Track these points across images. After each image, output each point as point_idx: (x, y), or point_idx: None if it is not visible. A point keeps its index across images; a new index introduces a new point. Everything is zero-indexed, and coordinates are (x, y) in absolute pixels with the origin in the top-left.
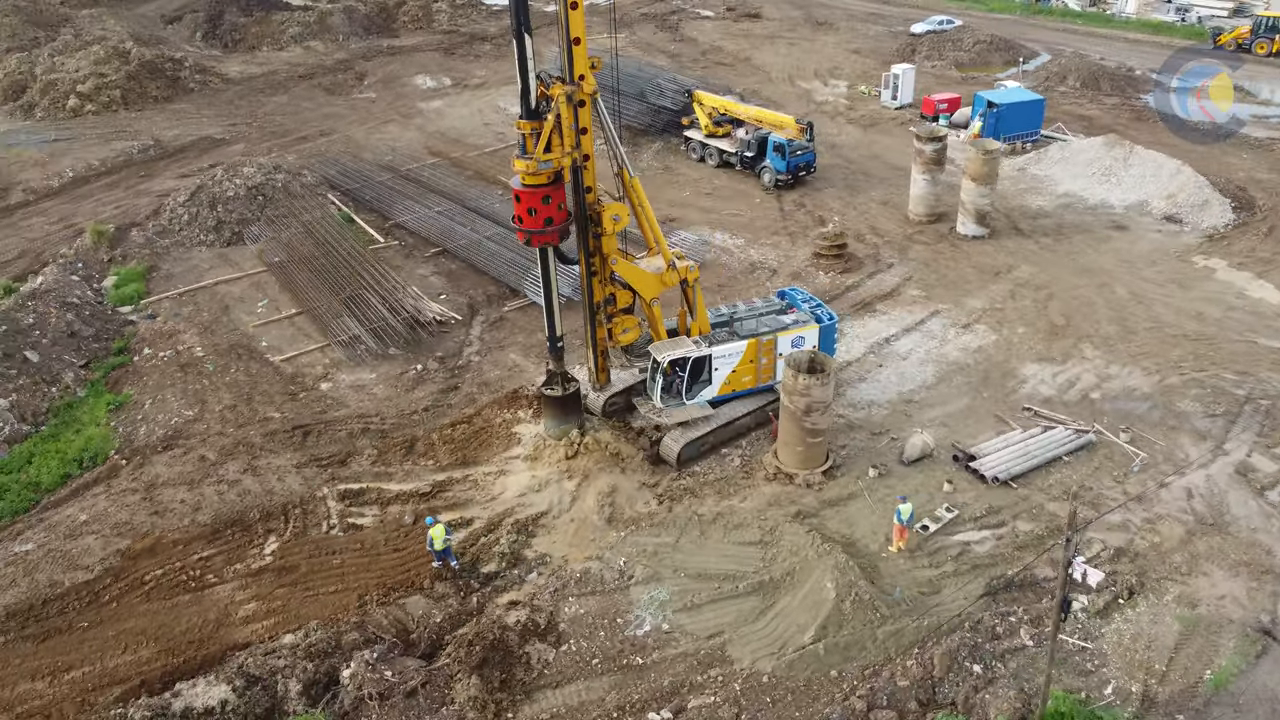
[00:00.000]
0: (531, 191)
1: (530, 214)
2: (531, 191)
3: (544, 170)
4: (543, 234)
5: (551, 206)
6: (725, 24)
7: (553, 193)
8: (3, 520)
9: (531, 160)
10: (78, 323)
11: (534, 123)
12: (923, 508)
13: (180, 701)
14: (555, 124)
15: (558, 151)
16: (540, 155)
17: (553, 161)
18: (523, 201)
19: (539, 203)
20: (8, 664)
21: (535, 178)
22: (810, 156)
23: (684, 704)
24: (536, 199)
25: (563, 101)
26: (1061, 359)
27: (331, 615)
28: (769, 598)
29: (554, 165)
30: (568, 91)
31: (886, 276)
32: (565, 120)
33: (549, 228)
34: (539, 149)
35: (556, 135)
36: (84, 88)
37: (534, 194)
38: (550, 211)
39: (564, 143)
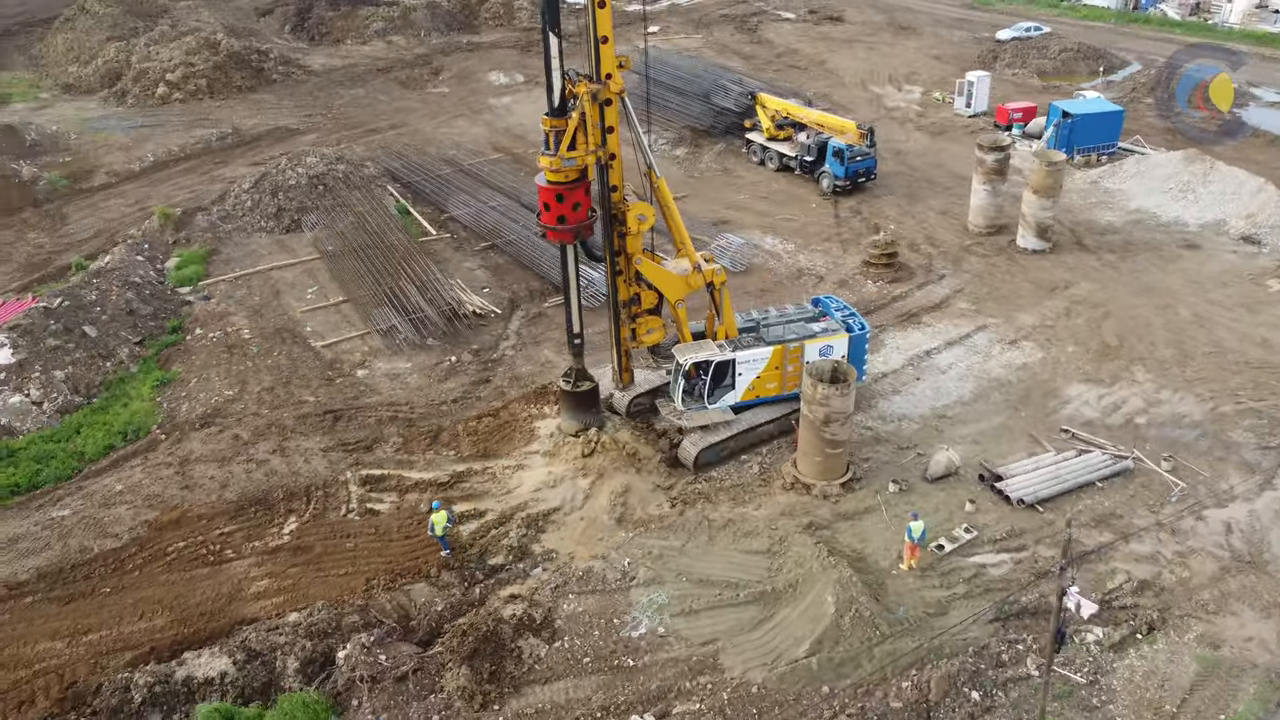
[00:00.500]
0: (555, 189)
1: (549, 210)
2: (555, 189)
3: (568, 168)
4: (564, 231)
5: (570, 204)
6: (805, 27)
7: (576, 191)
8: (46, 486)
9: (556, 157)
10: (137, 301)
11: (559, 120)
12: (941, 527)
13: (184, 670)
14: (580, 122)
15: (582, 149)
16: (565, 153)
17: (577, 159)
18: (545, 198)
19: (560, 200)
20: (32, 623)
21: (559, 175)
22: (870, 163)
23: (669, 709)
24: (559, 196)
25: (587, 100)
26: (1110, 381)
27: (338, 597)
28: (769, 608)
29: (578, 163)
30: (593, 90)
31: (936, 288)
32: (590, 119)
33: (571, 225)
34: (563, 146)
35: (581, 133)
36: (173, 76)
37: (557, 191)
38: (571, 209)
39: (589, 141)
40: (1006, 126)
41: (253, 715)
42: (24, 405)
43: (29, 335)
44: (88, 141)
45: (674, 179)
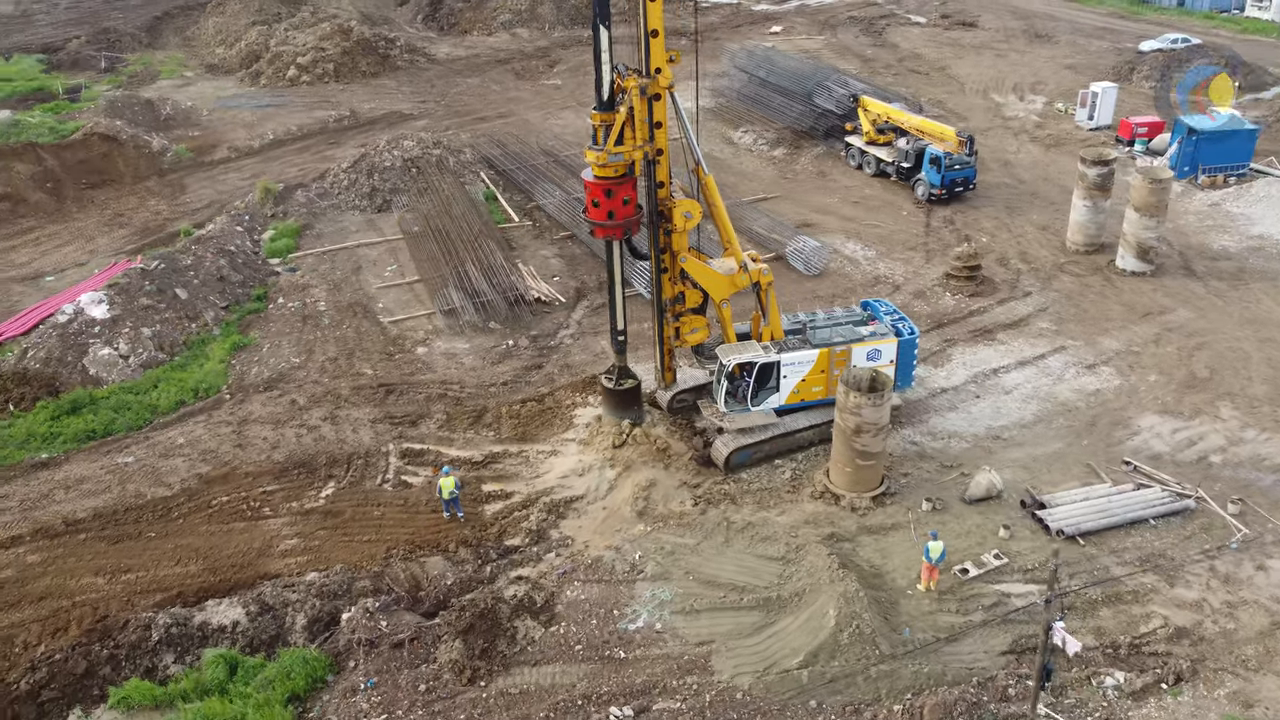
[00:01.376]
0: (604, 184)
1: (596, 206)
2: (604, 184)
3: (615, 163)
4: (611, 226)
5: (618, 200)
6: (935, 32)
7: (623, 186)
8: (119, 433)
9: (603, 152)
10: (228, 268)
11: (607, 115)
12: (970, 550)
13: (201, 616)
14: (628, 117)
15: (629, 145)
16: (612, 148)
17: (624, 154)
18: (592, 193)
19: (608, 195)
20: (81, 558)
21: (607, 170)
22: (970, 172)
23: (649, 705)
24: (606, 191)
25: (635, 94)
26: (1189, 415)
27: (357, 562)
28: (771, 615)
29: (625, 158)
30: (641, 84)
31: (1019, 305)
32: (638, 114)
33: (619, 221)
34: (610, 141)
35: (629, 129)
36: (303, 60)
37: (604, 186)
38: (618, 205)
39: (635, 136)
40: (1129, 142)
41: (256, 664)
42: (112, 358)
43: (125, 293)
44: (217, 118)
45: (767, 179)
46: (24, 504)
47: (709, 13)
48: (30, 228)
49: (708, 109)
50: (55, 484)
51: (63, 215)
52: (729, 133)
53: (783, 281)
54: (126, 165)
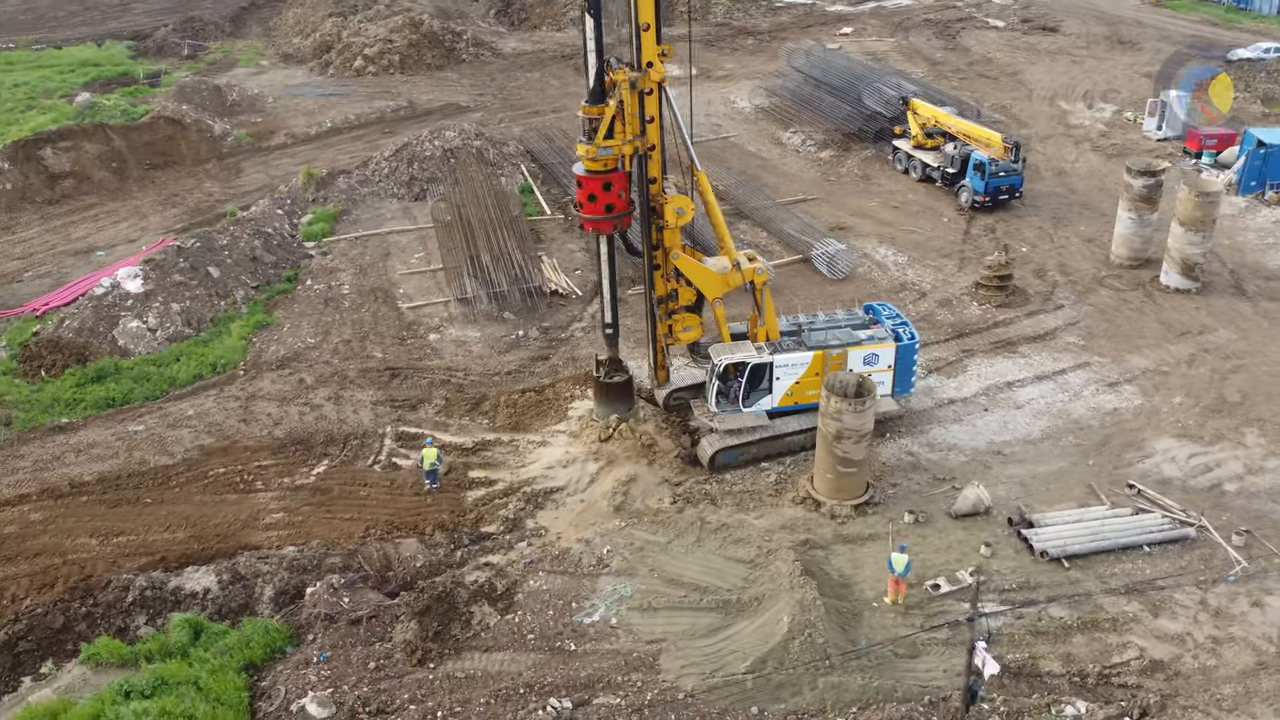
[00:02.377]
0: (602, 178)
1: (591, 200)
2: (602, 178)
3: (604, 157)
4: (601, 221)
5: (612, 194)
6: (1012, 36)
7: (614, 180)
8: (136, 403)
9: (592, 146)
10: (262, 249)
11: (598, 108)
12: (947, 566)
13: (177, 581)
14: (618, 111)
15: (619, 139)
16: (601, 141)
17: (613, 149)
18: (584, 188)
19: (599, 190)
20: (79, 519)
21: (597, 164)
22: (1016, 180)
23: (589, 699)
24: (597, 186)
25: (625, 88)
26: (1210, 440)
27: (335, 539)
28: (728, 618)
29: (614, 153)
30: (631, 78)
31: (1048, 318)
32: (628, 108)
33: (608, 215)
34: (600, 135)
35: (620, 123)
36: (370, 51)
37: (595, 180)
38: (611, 199)
39: (626, 130)
40: (1197, 154)
41: (220, 631)
42: (140, 330)
43: (160, 270)
44: (281, 105)
45: (809, 181)
46: (36, 465)
47: (781, 12)
48: (91, 204)
49: (761, 108)
50: (68, 447)
51: (123, 194)
52: (779, 133)
53: (806, 285)
54: (189, 148)
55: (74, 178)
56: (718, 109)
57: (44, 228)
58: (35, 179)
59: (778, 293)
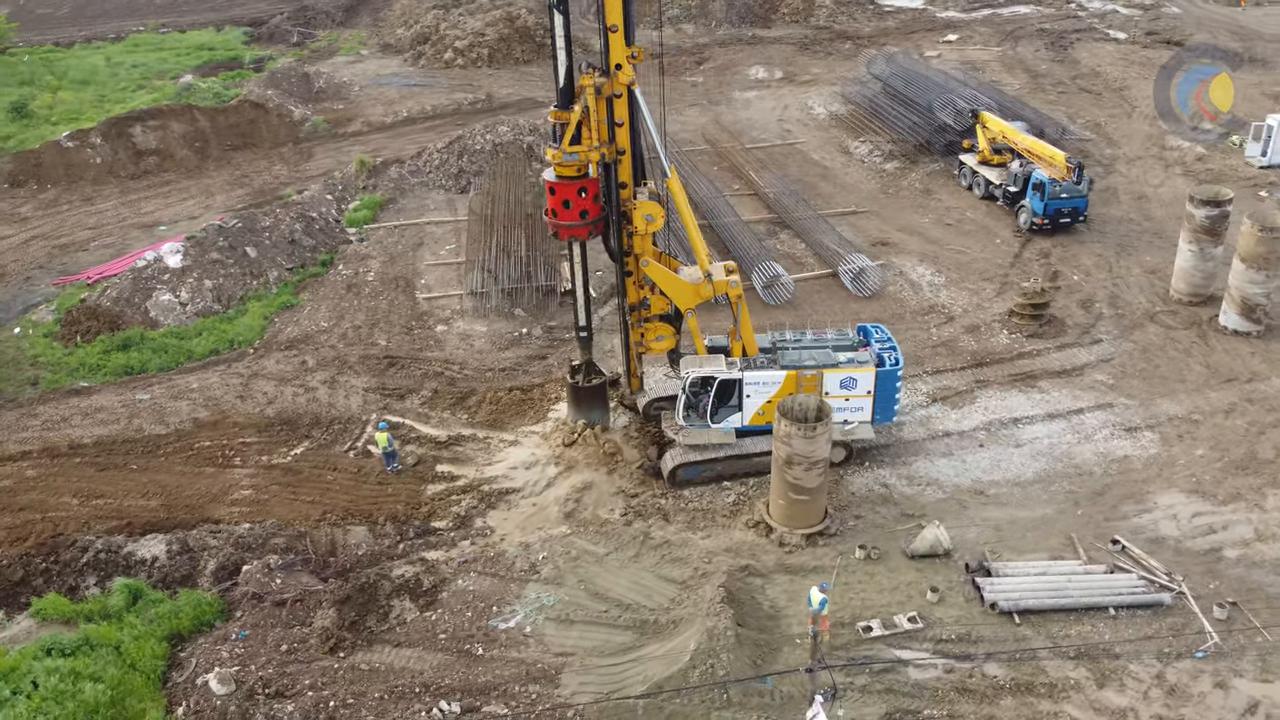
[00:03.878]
0: (564, 184)
1: (565, 206)
2: (564, 184)
3: (570, 163)
4: (573, 228)
5: (585, 200)
6: (1131, 50)
7: (586, 186)
8: (151, 372)
9: (558, 151)
10: (301, 233)
11: (563, 113)
12: (886, 608)
13: (132, 546)
14: (584, 116)
15: (586, 145)
16: (566, 147)
17: (579, 155)
18: (555, 194)
19: (573, 195)
20: (69, 479)
21: (566, 170)
22: (1079, 203)
23: (479, 706)
24: (570, 192)
25: (590, 93)
26: (1223, 499)
27: (290, 519)
28: (642, 639)
29: (580, 159)
30: (597, 83)
31: (1081, 352)
32: (594, 115)
33: (581, 222)
34: (565, 140)
35: (586, 128)
36: (460, 44)
37: (566, 186)
38: (585, 205)
39: (593, 137)
40: None
41: (157, 599)
42: (171, 304)
43: (200, 247)
44: (365, 94)
45: (866, 193)
46: (45, 424)
47: (888, 17)
48: (168, 181)
49: (836, 115)
50: (78, 410)
51: (200, 173)
52: (847, 141)
53: (830, 300)
54: (268, 131)
55: (158, 155)
56: (793, 114)
57: (120, 201)
58: (123, 154)
59: (796, 307)
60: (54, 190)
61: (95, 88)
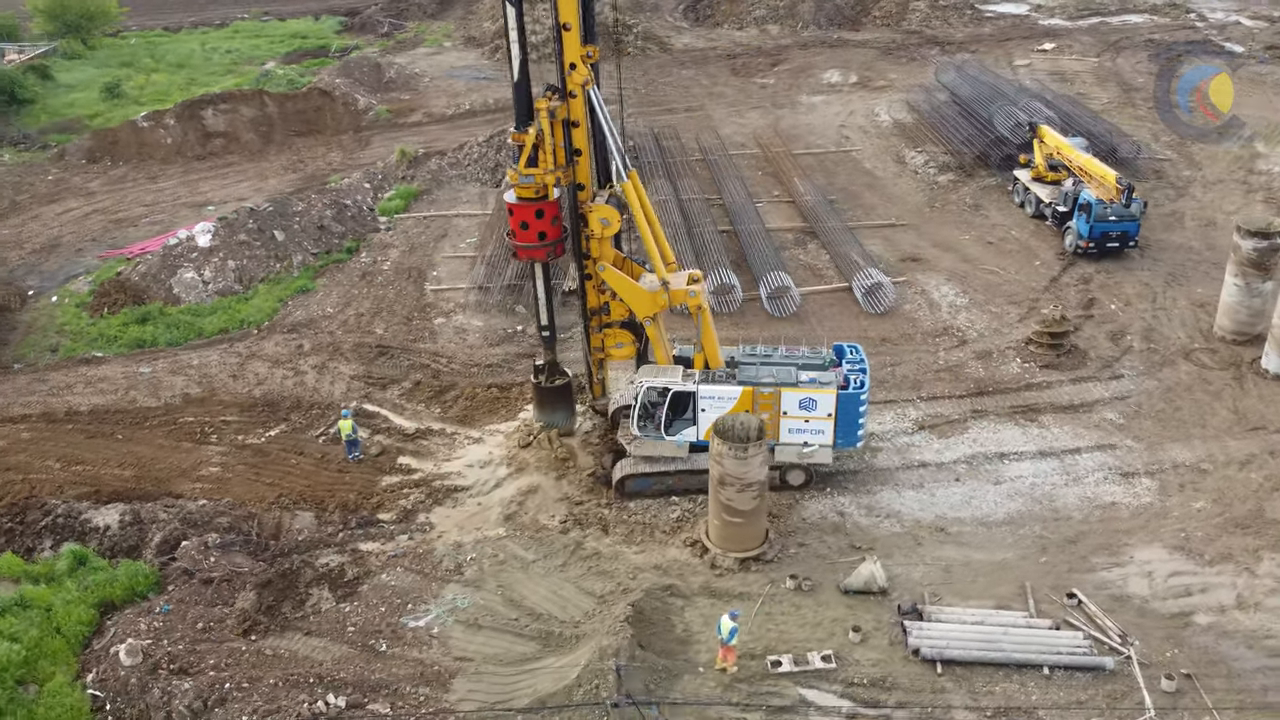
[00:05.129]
0: (523, 205)
1: (523, 228)
2: (523, 205)
3: (526, 185)
4: (533, 249)
5: (543, 222)
6: (1243, 63)
7: (545, 209)
8: (160, 347)
9: (514, 173)
10: (331, 219)
11: (523, 134)
12: (804, 643)
13: (89, 514)
14: (538, 139)
15: (542, 168)
16: (522, 169)
17: (535, 177)
18: (514, 215)
19: (530, 218)
20: (57, 444)
21: (525, 191)
22: (1129, 227)
23: (364, 702)
24: (528, 213)
25: (544, 118)
26: (1210, 559)
27: (246, 499)
28: (544, 650)
29: (536, 180)
30: (551, 107)
31: (1096, 387)
32: (548, 139)
33: (539, 244)
34: (521, 162)
35: (543, 151)
36: (535, 39)
37: (524, 208)
38: (543, 227)
39: (548, 160)
40: None
41: (99, 566)
42: (194, 282)
43: (229, 228)
44: (434, 86)
45: (911, 206)
46: (51, 390)
47: (985, 23)
48: (230, 163)
49: (899, 123)
50: (83, 379)
51: (261, 156)
52: (904, 151)
53: (839, 315)
54: (333, 119)
55: (225, 138)
56: (856, 120)
57: (180, 180)
58: (193, 136)
59: (802, 321)
60: (124, 167)
61: (187, 71)
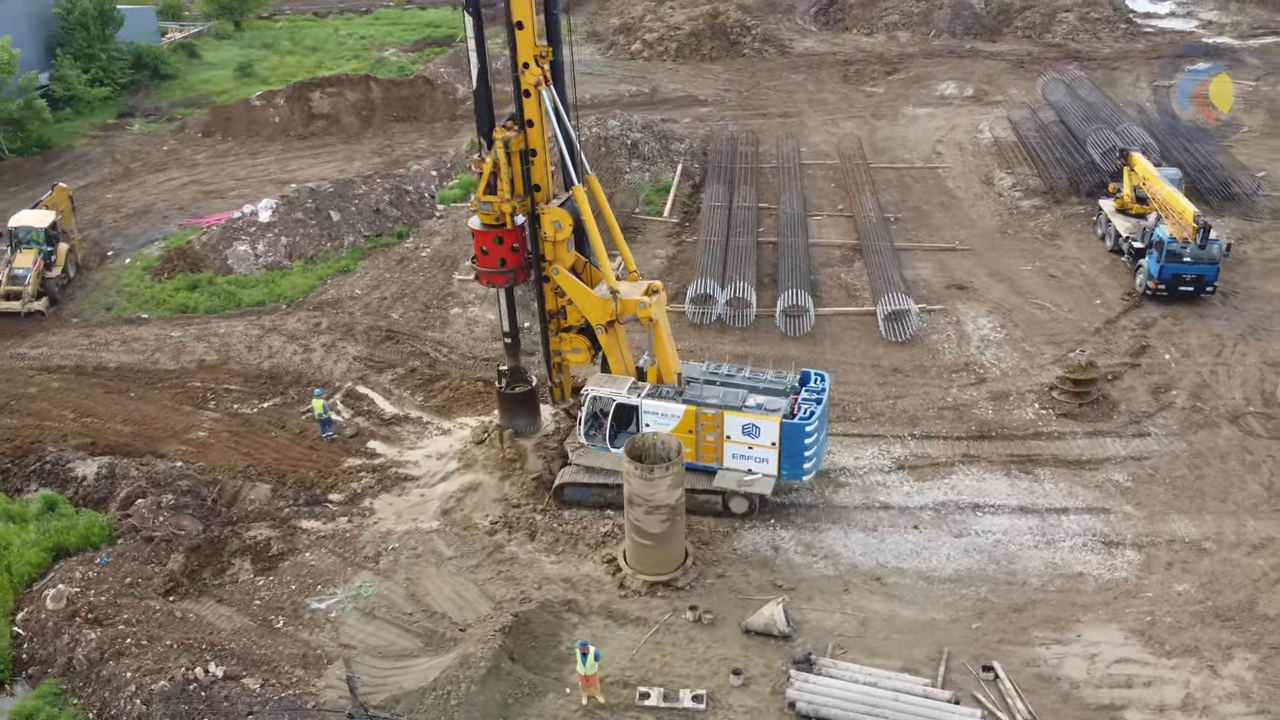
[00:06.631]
0: (481, 233)
1: (483, 253)
2: (481, 233)
3: (485, 212)
4: (493, 275)
5: (503, 249)
6: None
7: (504, 236)
8: (198, 313)
9: (474, 199)
10: (388, 204)
11: (480, 162)
12: (682, 679)
13: (73, 464)
14: (496, 169)
15: (500, 196)
16: (481, 196)
17: (493, 205)
18: (476, 240)
19: (490, 244)
20: (78, 395)
21: (487, 217)
22: (1206, 270)
23: (240, 675)
24: (488, 239)
25: (500, 150)
26: (1171, 651)
27: (217, 465)
28: (425, 648)
29: (494, 209)
30: (505, 138)
31: (1113, 443)
32: (504, 170)
33: (499, 270)
34: (479, 190)
35: (500, 179)
36: (650, 37)
37: (484, 235)
38: (502, 253)
39: (504, 189)
40: None
41: (65, 513)
42: (246, 254)
43: (289, 205)
44: None
45: (982, 231)
46: (91, 345)
47: (1137, 38)
48: (325, 144)
49: (1001, 141)
50: (121, 337)
51: (356, 139)
52: (994, 172)
53: (855, 342)
54: (431, 107)
55: (327, 119)
56: (956, 136)
57: (276, 158)
58: (298, 116)
59: (815, 342)
60: (231, 143)
61: (319, 55)
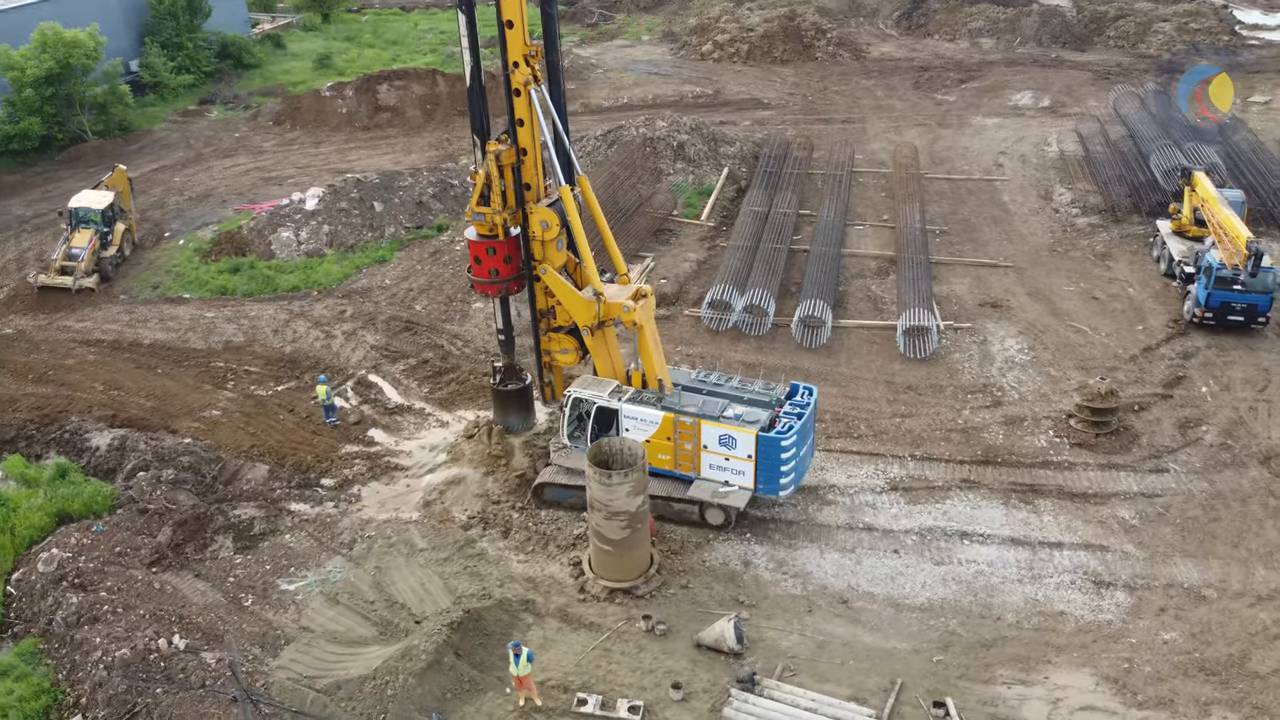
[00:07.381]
0: (475, 243)
1: (477, 263)
2: (475, 243)
3: (479, 223)
4: (486, 284)
5: (496, 259)
6: None
7: (497, 247)
8: (236, 296)
9: (468, 210)
10: (431, 197)
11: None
12: (623, 689)
13: (90, 434)
14: (488, 181)
15: (492, 208)
16: (475, 207)
17: (485, 216)
18: (470, 250)
19: (483, 254)
20: (109, 369)
21: (482, 228)
22: (1259, 300)
23: (200, 649)
24: (481, 250)
25: (491, 163)
26: (1144, 702)
27: (224, 444)
28: (378, 637)
29: (486, 220)
30: (496, 150)
31: (1126, 477)
32: (495, 182)
33: (491, 279)
34: (473, 201)
35: (493, 191)
36: (722, 38)
37: (478, 245)
38: (495, 264)
39: (496, 201)
40: None
41: (76, 481)
42: (289, 240)
43: (334, 194)
44: (604, 78)
45: (1030, 248)
46: (131, 321)
47: (1240, 51)
48: (387, 136)
49: (1067, 154)
50: (159, 315)
51: (418, 132)
52: (1054, 187)
53: (871, 356)
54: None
55: (393, 112)
56: (1022, 148)
57: (338, 148)
58: (365, 108)
59: (830, 354)
60: (299, 131)
61: (397, 49)
